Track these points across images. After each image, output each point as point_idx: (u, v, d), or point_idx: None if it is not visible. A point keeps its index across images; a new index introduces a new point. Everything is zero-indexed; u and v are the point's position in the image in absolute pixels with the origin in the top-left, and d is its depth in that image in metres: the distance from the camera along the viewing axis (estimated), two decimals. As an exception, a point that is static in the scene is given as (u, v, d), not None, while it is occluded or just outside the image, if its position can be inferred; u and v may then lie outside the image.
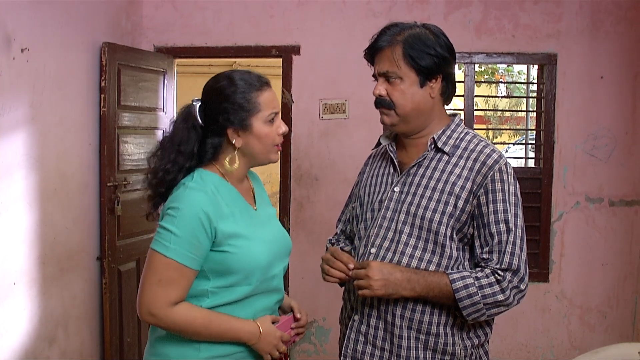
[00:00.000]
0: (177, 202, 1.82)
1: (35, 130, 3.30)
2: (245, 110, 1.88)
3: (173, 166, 1.90)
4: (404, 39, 1.95)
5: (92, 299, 3.90)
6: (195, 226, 1.79)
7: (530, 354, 4.52)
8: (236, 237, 1.85)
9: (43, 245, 3.37)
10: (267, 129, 1.91)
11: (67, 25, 3.59)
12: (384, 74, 1.98)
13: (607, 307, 4.46)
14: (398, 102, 1.97)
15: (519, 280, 1.87)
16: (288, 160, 4.60)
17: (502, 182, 1.91)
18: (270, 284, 1.96)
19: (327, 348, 4.59)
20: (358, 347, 2.00)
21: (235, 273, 1.85)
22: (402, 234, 1.95)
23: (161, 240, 1.80)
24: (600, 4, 4.34)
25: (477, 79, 8.47)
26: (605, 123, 4.37)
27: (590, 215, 4.43)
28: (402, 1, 4.46)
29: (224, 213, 1.85)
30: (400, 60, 1.95)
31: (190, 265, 1.79)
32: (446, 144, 2.00)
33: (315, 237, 4.53)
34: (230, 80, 1.91)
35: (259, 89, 1.91)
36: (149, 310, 1.79)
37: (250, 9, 4.58)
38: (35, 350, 3.32)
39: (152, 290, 1.79)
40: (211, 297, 1.86)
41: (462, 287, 1.84)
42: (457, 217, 1.91)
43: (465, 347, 1.95)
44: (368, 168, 2.24)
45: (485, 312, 1.87)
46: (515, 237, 1.89)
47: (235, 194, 1.95)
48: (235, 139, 1.90)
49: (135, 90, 4.16)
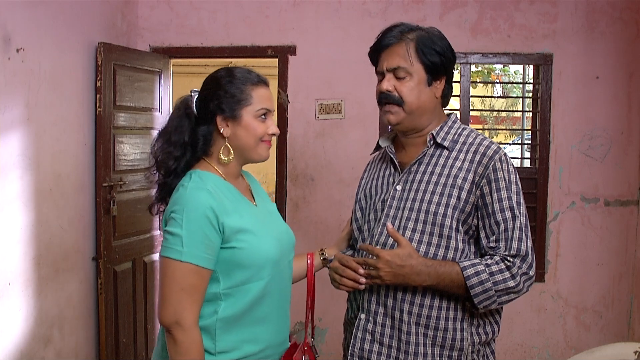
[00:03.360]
0: (180, 204, 1.81)
1: (31, 131, 3.29)
2: (236, 99, 1.90)
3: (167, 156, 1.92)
4: (417, 37, 2.00)
5: (88, 299, 3.89)
6: (204, 225, 1.78)
7: (526, 354, 4.53)
8: (243, 232, 1.84)
9: (38, 245, 3.37)
10: (257, 123, 1.92)
11: (63, 26, 3.59)
12: (393, 70, 2.00)
13: (603, 307, 4.47)
14: (407, 99, 1.99)
15: (527, 267, 1.88)
16: (284, 160, 4.60)
17: (504, 171, 1.94)
18: (280, 278, 1.96)
19: (324, 348, 4.58)
20: (365, 345, 2.00)
21: (245, 269, 1.84)
22: (407, 229, 1.96)
23: (172, 246, 1.78)
24: (595, 4, 4.35)
25: (473, 79, 8.48)
26: (601, 123, 4.38)
27: (586, 215, 4.44)
28: (398, 1, 4.47)
29: (229, 209, 1.84)
30: (413, 56, 1.98)
31: (206, 265, 1.79)
32: (445, 139, 2.03)
33: (311, 237, 4.53)
34: (229, 72, 1.94)
35: (255, 83, 1.93)
36: (177, 320, 1.76)
37: (246, 9, 4.57)
38: (30, 350, 3.31)
39: (178, 299, 1.76)
40: (225, 301, 1.84)
41: (473, 274, 1.85)
42: (462, 209, 1.93)
43: (473, 343, 1.96)
44: (366, 174, 2.25)
45: (497, 300, 1.87)
46: (521, 224, 1.91)
47: (235, 191, 1.95)
48: (223, 127, 1.91)
49: (131, 91, 4.15)
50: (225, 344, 1.85)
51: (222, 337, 1.84)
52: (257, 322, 1.89)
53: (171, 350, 1.78)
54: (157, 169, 1.97)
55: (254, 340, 1.89)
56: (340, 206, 4.47)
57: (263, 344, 1.91)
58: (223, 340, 1.84)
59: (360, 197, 2.19)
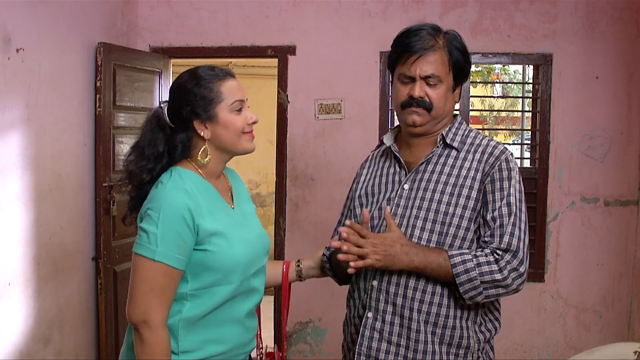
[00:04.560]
0: (157, 202, 1.80)
1: (31, 131, 3.29)
2: (208, 100, 1.88)
3: (140, 170, 1.90)
4: (449, 43, 2.02)
5: (88, 299, 3.89)
6: (179, 225, 1.77)
7: (526, 354, 4.53)
8: (217, 236, 1.83)
9: (38, 245, 3.37)
10: (234, 117, 1.90)
11: (63, 26, 3.59)
12: (427, 77, 1.99)
13: (603, 307, 4.47)
14: (437, 105, 2.01)
15: (518, 263, 1.88)
16: (284, 161, 4.60)
17: (509, 170, 1.97)
18: (249, 283, 1.94)
19: (323, 348, 4.59)
20: (373, 344, 1.99)
21: (213, 272, 1.83)
22: (415, 228, 1.96)
23: (145, 243, 1.77)
24: (595, 4, 4.35)
25: (473, 79, 8.49)
26: (601, 123, 4.38)
27: (586, 215, 4.44)
28: (398, 1, 4.46)
29: (204, 211, 1.83)
30: (448, 65, 2.01)
31: (178, 266, 1.78)
32: (454, 140, 2.05)
33: (310, 238, 4.53)
34: (192, 74, 1.92)
35: (221, 78, 1.90)
36: (144, 319, 1.75)
37: (246, 9, 4.57)
38: (30, 350, 3.31)
39: (146, 299, 1.76)
40: (191, 301, 1.83)
41: (459, 263, 1.86)
42: (473, 207, 1.95)
43: (479, 341, 1.98)
44: (366, 170, 2.24)
45: (483, 292, 1.88)
46: (516, 219, 1.92)
47: (213, 192, 1.93)
48: (202, 130, 1.89)
49: (131, 91, 4.15)
50: (188, 344, 1.84)
51: (185, 337, 1.83)
52: (222, 323, 1.87)
53: (138, 349, 1.78)
54: (129, 181, 1.95)
55: (218, 340, 1.88)
56: (340, 206, 4.40)
57: (229, 344, 1.90)
58: (186, 340, 1.83)
59: (360, 194, 2.18)
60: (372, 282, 2.00)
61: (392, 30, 2.08)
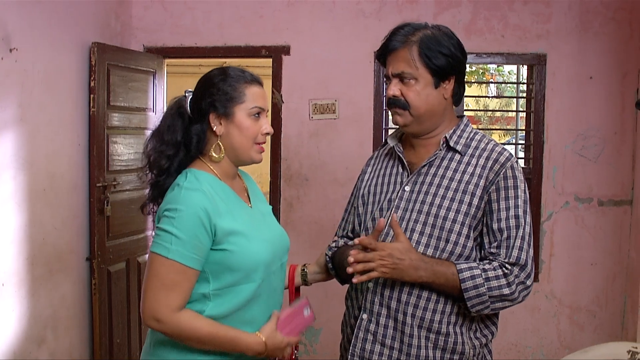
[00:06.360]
0: (174, 204, 1.80)
1: (24, 131, 3.28)
2: (229, 97, 1.89)
3: (159, 155, 1.92)
4: (420, 39, 1.96)
5: (82, 299, 3.88)
6: (196, 226, 1.77)
7: (520, 354, 4.54)
8: (235, 235, 1.84)
9: (32, 245, 3.36)
10: (250, 122, 1.91)
11: (56, 25, 3.58)
12: (398, 75, 1.97)
13: (597, 306, 4.48)
14: (413, 103, 1.97)
15: (525, 276, 1.88)
16: (278, 160, 4.60)
17: (514, 178, 1.94)
18: (272, 282, 1.95)
19: (318, 348, 4.59)
20: (367, 346, 1.99)
21: (235, 271, 1.83)
22: (414, 232, 1.95)
23: (161, 242, 1.78)
24: (588, 4, 4.36)
25: (468, 79, 8.50)
26: (595, 123, 4.39)
27: (580, 215, 4.45)
28: (392, 2, 4.47)
29: (222, 211, 1.84)
30: (417, 61, 1.95)
31: (193, 265, 1.78)
32: (458, 143, 2.02)
33: (305, 238, 4.53)
34: (222, 70, 1.94)
35: (249, 82, 1.92)
36: (153, 315, 1.77)
37: (240, 9, 4.57)
38: (24, 351, 3.30)
39: (155, 295, 1.77)
40: (214, 301, 1.84)
41: (468, 277, 1.85)
42: (473, 215, 1.92)
43: (474, 347, 1.97)
44: (370, 168, 2.23)
45: (490, 305, 1.87)
46: (524, 233, 1.91)
47: (230, 192, 1.94)
48: (216, 125, 1.90)
49: (125, 91, 4.14)
50: None
51: None
52: (245, 323, 1.88)
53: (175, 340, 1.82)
54: (149, 168, 1.96)
55: None
56: (335, 206, 4.47)
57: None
58: None
59: (363, 192, 2.16)
60: (368, 284, 1.99)
61: (386, 30, 2.07)
